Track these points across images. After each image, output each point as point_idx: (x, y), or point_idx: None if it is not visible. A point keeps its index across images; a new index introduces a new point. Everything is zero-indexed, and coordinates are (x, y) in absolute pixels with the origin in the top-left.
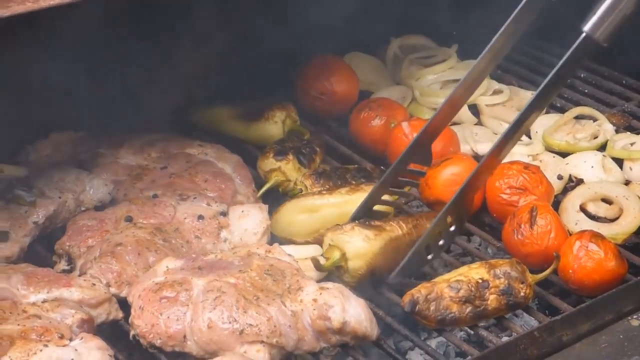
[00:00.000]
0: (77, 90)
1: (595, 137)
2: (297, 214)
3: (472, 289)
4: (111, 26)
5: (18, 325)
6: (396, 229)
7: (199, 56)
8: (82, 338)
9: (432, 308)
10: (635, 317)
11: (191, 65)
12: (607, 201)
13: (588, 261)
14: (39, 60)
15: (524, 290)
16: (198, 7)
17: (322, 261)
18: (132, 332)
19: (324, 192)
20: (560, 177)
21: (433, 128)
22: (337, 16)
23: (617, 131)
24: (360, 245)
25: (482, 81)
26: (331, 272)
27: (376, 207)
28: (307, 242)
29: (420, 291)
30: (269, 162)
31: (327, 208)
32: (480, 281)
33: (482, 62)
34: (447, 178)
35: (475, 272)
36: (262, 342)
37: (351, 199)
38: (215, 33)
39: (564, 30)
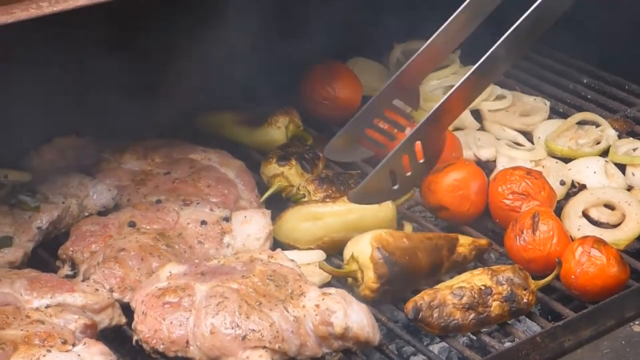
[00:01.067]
0: (81, 95)
1: (598, 143)
2: (300, 221)
3: (475, 295)
4: (115, 31)
5: (21, 330)
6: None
7: (203, 62)
8: (85, 343)
9: (435, 315)
10: (637, 322)
11: (194, 70)
12: (609, 207)
13: (590, 267)
14: (41, 64)
15: (526, 297)
16: (201, 13)
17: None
18: (135, 338)
19: (328, 200)
20: (562, 183)
21: (417, 68)
22: (341, 21)
23: (619, 137)
24: (366, 247)
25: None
26: (352, 290)
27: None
28: (309, 249)
29: (423, 298)
30: (272, 168)
31: (330, 216)
32: (483, 288)
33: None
34: (449, 184)
35: (478, 278)
36: (264, 347)
37: (355, 208)
38: (218, 38)
39: (568, 36)
